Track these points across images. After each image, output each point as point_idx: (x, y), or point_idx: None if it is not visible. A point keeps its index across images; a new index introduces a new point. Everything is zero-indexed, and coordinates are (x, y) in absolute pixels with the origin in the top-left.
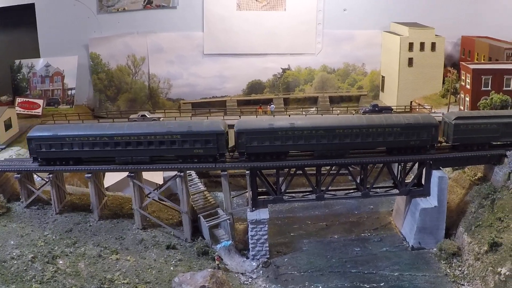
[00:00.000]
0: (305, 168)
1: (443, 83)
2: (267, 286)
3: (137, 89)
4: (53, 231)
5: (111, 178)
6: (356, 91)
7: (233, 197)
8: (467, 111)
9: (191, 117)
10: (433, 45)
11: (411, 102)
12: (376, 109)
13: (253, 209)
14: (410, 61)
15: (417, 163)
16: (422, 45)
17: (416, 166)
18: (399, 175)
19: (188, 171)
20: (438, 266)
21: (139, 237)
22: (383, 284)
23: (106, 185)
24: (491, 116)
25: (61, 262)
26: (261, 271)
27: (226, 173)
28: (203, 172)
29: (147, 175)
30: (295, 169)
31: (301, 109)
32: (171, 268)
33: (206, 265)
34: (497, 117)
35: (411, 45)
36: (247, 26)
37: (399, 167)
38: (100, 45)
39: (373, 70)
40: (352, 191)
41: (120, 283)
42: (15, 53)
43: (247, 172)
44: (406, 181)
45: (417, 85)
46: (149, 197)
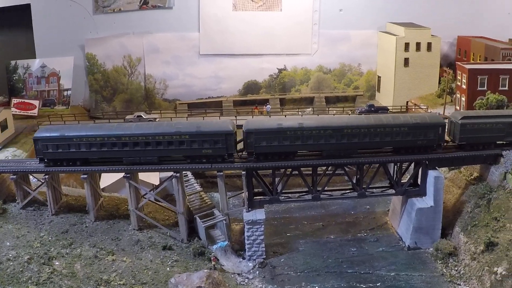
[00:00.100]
0: (301, 168)
1: (439, 83)
2: (264, 286)
3: (133, 89)
4: (49, 232)
5: (107, 179)
6: (352, 91)
7: (229, 198)
8: (473, 110)
9: (187, 118)
10: (429, 45)
11: (407, 102)
12: (372, 109)
13: (249, 209)
14: (406, 61)
15: (413, 163)
16: (418, 45)
17: (412, 166)
18: (395, 175)
19: (184, 172)
20: (434, 266)
21: (135, 238)
22: (380, 284)
23: (102, 186)
24: (496, 115)
25: (57, 263)
26: (258, 272)
27: (222, 173)
28: (199, 172)
29: (143, 176)
30: (291, 170)
31: (297, 110)
32: (167, 269)
33: (202, 265)
34: (503, 116)
35: (407, 45)
36: (243, 26)
37: (395, 167)
38: (96, 46)
39: (369, 70)
40: (348, 191)
41: (116, 284)
42: (11, 53)
43: (243, 172)
44: (402, 181)
45: (413, 85)
46: (145, 198)
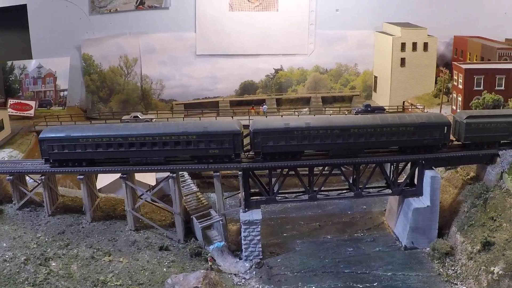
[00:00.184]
0: (298, 168)
1: (436, 83)
2: (260, 286)
3: (130, 90)
4: (46, 233)
5: (103, 179)
6: (348, 91)
7: (225, 198)
8: (477, 110)
9: (183, 118)
10: (426, 45)
11: (403, 102)
12: (368, 109)
13: (246, 210)
14: (402, 61)
15: (410, 163)
16: (414, 45)
17: (408, 166)
18: (392, 175)
19: (180, 172)
20: (431, 265)
21: (132, 239)
22: (376, 284)
23: (98, 187)
24: (501, 115)
25: (53, 264)
26: (254, 272)
27: (218, 174)
28: (196, 173)
29: (139, 177)
30: (287, 170)
31: (294, 110)
32: (164, 269)
33: (199, 266)
34: (508, 116)
35: (403, 45)
36: (239, 26)
37: (392, 167)
38: (92, 46)
39: (365, 70)
40: (344, 191)
41: (113, 285)
42: (7, 54)
43: (239, 173)
44: (398, 181)
45: (409, 85)
46: (142, 199)
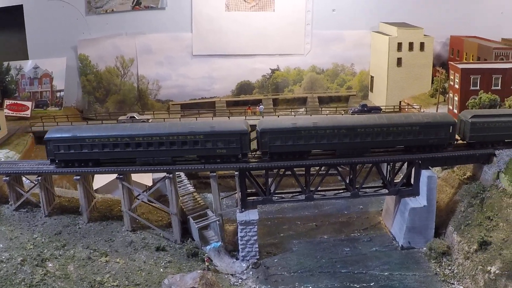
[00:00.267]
0: (294, 168)
1: (432, 82)
2: (257, 287)
3: (126, 90)
4: (42, 234)
5: (100, 180)
6: (345, 91)
7: (222, 198)
8: (482, 109)
9: (180, 119)
10: (422, 45)
11: (400, 102)
12: (365, 109)
13: (243, 210)
14: (399, 61)
15: (406, 163)
16: (411, 45)
17: (405, 166)
18: (388, 175)
19: (177, 173)
20: (428, 265)
21: (129, 239)
22: (373, 284)
23: (95, 187)
24: (506, 114)
25: (50, 265)
26: (251, 272)
27: (215, 174)
28: (192, 173)
29: (136, 177)
30: (284, 170)
31: (290, 110)
32: (161, 270)
33: (195, 266)
34: None
35: (400, 45)
36: (236, 27)
37: (388, 167)
38: (88, 47)
39: (362, 70)
40: (341, 191)
41: (109, 285)
42: (3, 54)
43: (236, 173)
44: (395, 181)
45: (406, 85)
46: (138, 199)
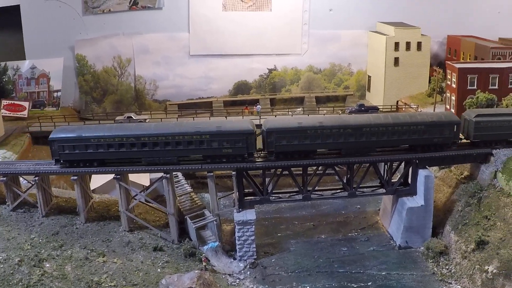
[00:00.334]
0: (291, 168)
1: (429, 82)
2: (255, 287)
3: (123, 90)
4: (40, 234)
5: (97, 180)
6: (342, 91)
7: (219, 198)
8: (486, 108)
9: (177, 119)
10: (419, 45)
11: (397, 101)
12: (362, 108)
13: (240, 210)
14: (396, 61)
15: (403, 162)
16: (408, 44)
17: (402, 165)
18: (386, 175)
19: (174, 173)
20: (425, 265)
21: (126, 239)
22: (371, 283)
23: (92, 187)
24: (509, 113)
25: (47, 265)
26: (249, 272)
27: (212, 174)
28: (190, 173)
29: (133, 177)
30: (281, 170)
31: (288, 110)
32: (158, 270)
33: (193, 266)
34: None
35: (397, 45)
36: (233, 26)
37: (385, 166)
38: (85, 47)
39: (359, 70)
40: (338, 191)
41: (107, 285)
42: (0, 55)
43: (233, 173)
44: (392, 181)
45: (403, 84)
46: (136, 199)
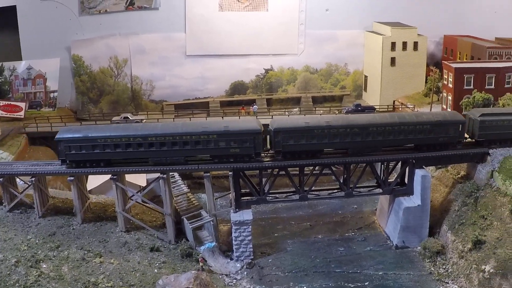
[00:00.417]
0: (288, 168)
1: (426, 82)
2: (252, 287)
3: (120, 91)
4: (36, 235)
5: (94, 181)
6: (339, 91)
7: (216, 199)
8: (491, 108)
9: (173, 119)
10: (416, 45)
11: (394, 101)
12: (359, 108)
13: (237, 210)
14: (392, 61)
15: (400, 162)
16: (404, 44)
17: (399, 165)
18: (382, 175)
19: (171, 173)
20: (422, 264)
21: (123, 240)
22: (368, 283)
23: (89, 188)
24: None
25: (44, 266)
26: (245, 272)
27: (208, 174)
28: (186, 173)
29: (130, 178)
30: (278, 170)
31: (284, 110)
32: (155, 270)
33: (190, 267)
34: None
35: (393, 45)
36: (229, 27)
37: (382, 166)
38: (82, 47)
39: (355, 70)
40: (335, 191)
41: (104, 286)
42: None
43: (230, 173)
44: (389, 181)
45: (399, 84)
46: (132, 200)
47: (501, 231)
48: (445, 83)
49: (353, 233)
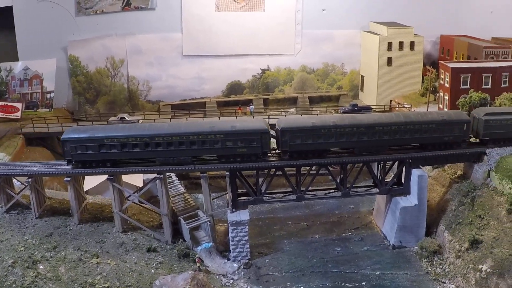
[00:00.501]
0: (285, 168)
1: (422, 82)
2: (249, 287)
3: (116, 91)
4: (33, 236)
5: (90, 181)
6: (335, 91)
7: (213, 199)
8: (495, 107)
9: (170, 119)
10: (412, 44)
11: (390, 101)
12: (355, 108)
13: (233, 210)
14: (389, 61)
15: (397, 162)
16: (401, 44)
17: (396, 165)
18: (379, 174)
19: (167, 173)
20: (419, 264)
21: (120, 240)
22: (365, 283)
23: (85, 189)
24: None
25: (41, 266)
26: (243, 273)
27: (205, 174)
28: (183, 174)
29: (126, 178)
30: (274, 170)
31: (281, 110)
32: (152, 271)
33: (187, 267)
34: None
35: (390, 45)
36: (226, 27)
37: (379, 166)
38: (78, 48)
39: (352, 69)
40: (332, 191)
41: (101, 286)
42: None
43: (226, 173)
44: (386, 180)
45: (396, 84)
46: (129, 200)
47: (498, 231)
48: (442, 82)
49: (350, 233)
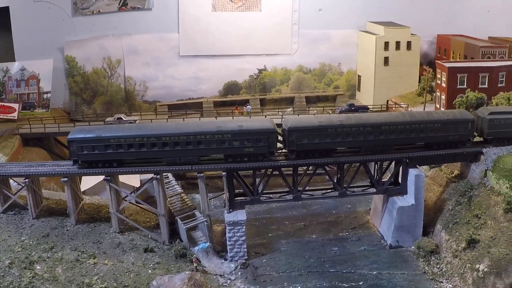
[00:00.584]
0: (282, 168)
1: (419, 81)
2: (246, 287)
3: (113, 91)
4: (30, 236)
5: (87, 181)
6: (332, 91)
7: (210, 199)
8: (499, 106)
9: (167, 119)
10: (409, 44)
11: (387, 101)
12: (352, 108)
13: (230, 210)
14: (386, 60)
15: (394, 161)
16: (397, 44)
17: (393, 165)
18: (376, 174)
19: (164, 174)
20: (416, 264)
21: (117, 241)
22: (362, 283)
23: (82, 189)
24: None
25: (38, 267)
26: (240, 273)
27: (202, 175)
28: (180, 174)
29: (123, 178)
30: (271, 170)
31: (278, 110)
32: (149, 271)
33: (184, 267)
34: None
35: (386, 44)
36: (222, 27)
37: (376, 166)
38: (75, 48)
39: (349, 69)
40: (329, 190)
41: (98, 287)
42: None
43: (223, 173)
44: (383, 180)
45: (393, 84)
46: (126, 200)
47: (495, 230)
48: (439, 82)
49: (347, 233)
